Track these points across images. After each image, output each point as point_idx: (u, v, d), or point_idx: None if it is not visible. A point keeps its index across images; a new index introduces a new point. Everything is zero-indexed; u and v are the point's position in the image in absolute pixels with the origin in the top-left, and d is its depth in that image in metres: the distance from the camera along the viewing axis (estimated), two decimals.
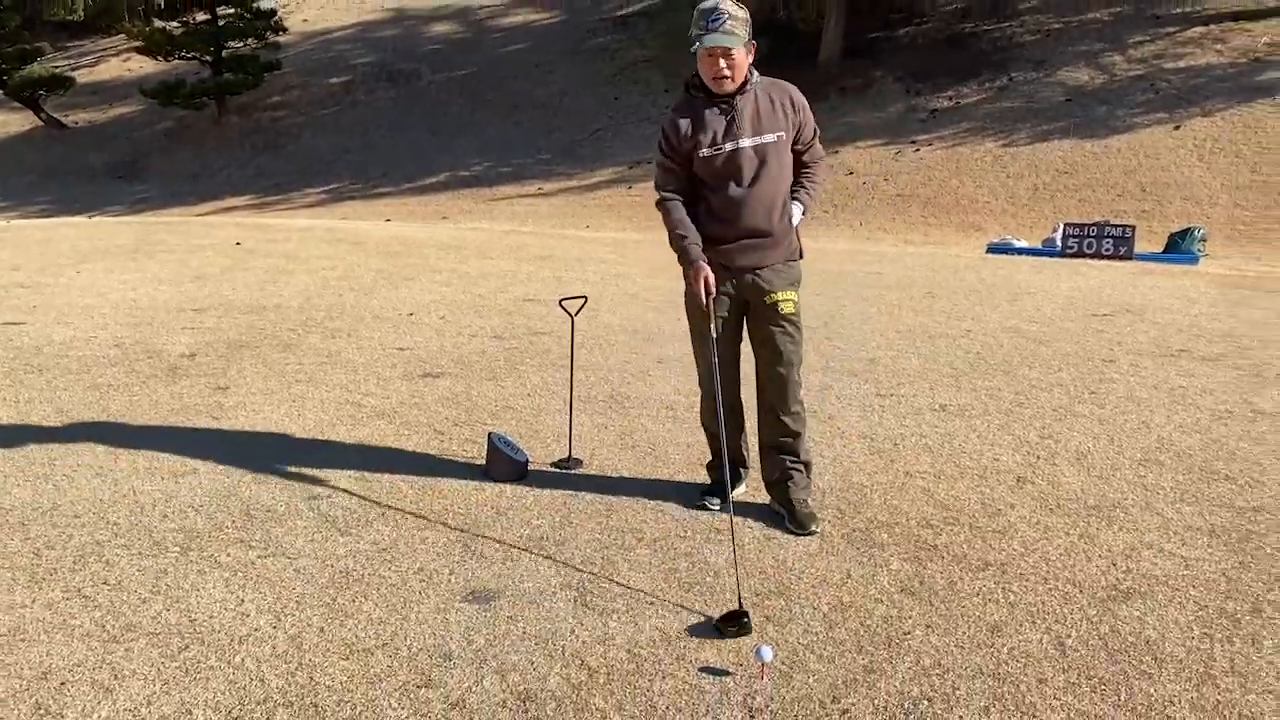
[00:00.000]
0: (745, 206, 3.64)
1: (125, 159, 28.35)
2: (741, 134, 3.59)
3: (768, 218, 3.68)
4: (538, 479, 4.19)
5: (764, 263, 3.71)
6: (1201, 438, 4.86)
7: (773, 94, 3.66)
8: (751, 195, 3.64)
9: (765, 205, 3.66)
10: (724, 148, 3.58)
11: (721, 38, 3.42)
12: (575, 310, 4.49)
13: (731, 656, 2.87)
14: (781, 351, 3.75)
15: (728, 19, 3.43)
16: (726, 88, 3.55)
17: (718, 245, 3.67)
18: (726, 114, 3.58)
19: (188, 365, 5.76)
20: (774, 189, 3.68)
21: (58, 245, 10.25)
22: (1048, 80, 20.45)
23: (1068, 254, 11.79)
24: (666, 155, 3.69)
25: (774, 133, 3.63)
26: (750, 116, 3.60)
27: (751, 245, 3.69)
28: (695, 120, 3.61)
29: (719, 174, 3.63)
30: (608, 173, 20.00)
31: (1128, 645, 2.97)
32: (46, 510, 3.78)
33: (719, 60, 3.48)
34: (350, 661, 2.82)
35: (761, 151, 3.62)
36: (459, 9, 33.56)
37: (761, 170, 3.64)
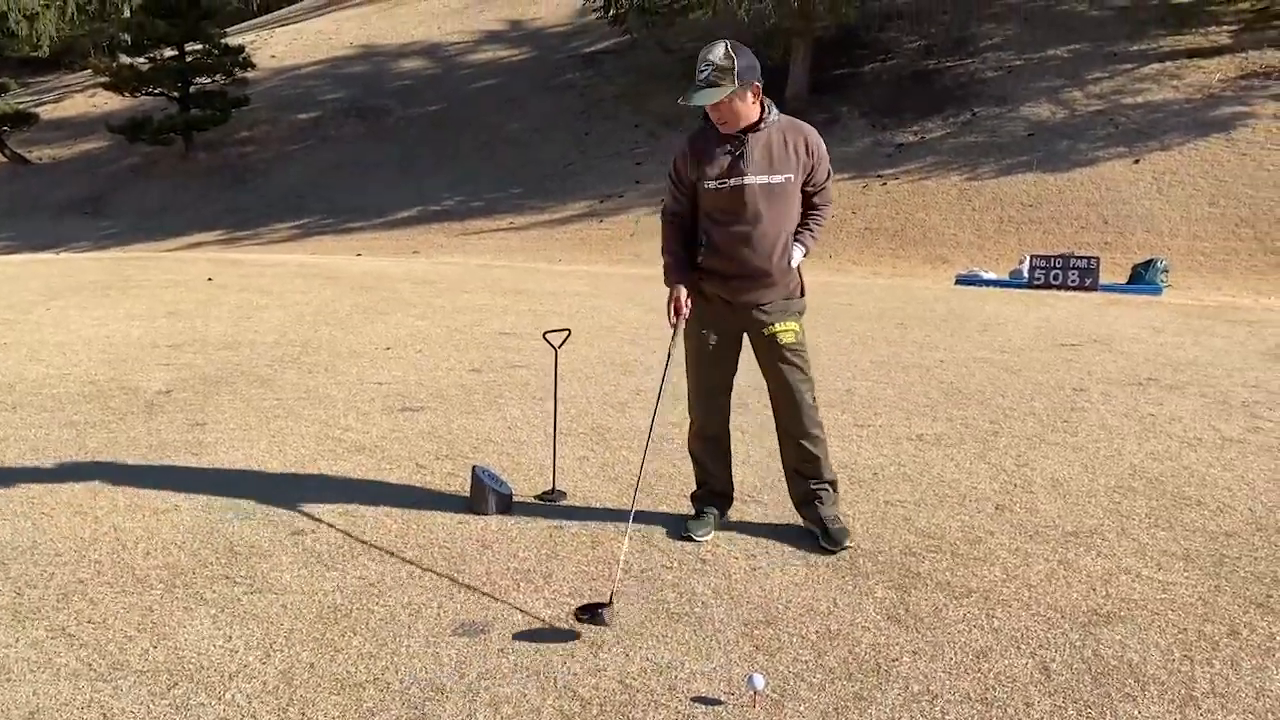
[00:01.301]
0: (746, 244, 3.66)
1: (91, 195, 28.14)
2: (747, 171, 3.60)
3: (768, 257, 3.69)
4: (522, 512, 4.20)
5: (762, 300, 3.74)
6: (1173, 464, 4.95)
7: (788, 134, 3.67)
8: (753, 233, 3.65)
9: (767, 244, 3.67)
10: (728, 183, 3.61)
11: (700, 96, 3.48)
12: (559, 343, 4.52)
13: (723, 686, 2.89)
14: (788, 381, 3.79)
15: (711, 71, 3.47)
16: (729, 129, 3.59)
17: (717, 278, 3.72)
18: (735, 150, 3.60)
19: (164, 402, 5.73)
20: (776, 229, 3.69)
21: (26, 281, 10.16)
22: (1010, 115, 20.84)
23: (1035, 285, 12.00)
24: (674, 182, 3.77)
25: (783, 174, 3.65)
26: (760, 155, 3.61)
27: (749, 283, 3.71)
28: (704, 152, 3.65)
29: (722, 209, 3.66)
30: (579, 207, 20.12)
31: (1110, 668, 3.02)
32: (26, 549, 3.75)
33: (711, 112, 3.56)
34: (342, 696, 2.81)
35: (767, 190, 3.64)
36: (428, 45, 33.73)
37: (765, 209, 3.65)
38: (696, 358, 3.87)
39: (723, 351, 3.84)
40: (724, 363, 3.87)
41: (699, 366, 3.88)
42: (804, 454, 3.87)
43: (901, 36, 25.43)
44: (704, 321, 3.80)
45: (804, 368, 3.83)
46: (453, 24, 35.56)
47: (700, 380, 3.90)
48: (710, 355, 3.84)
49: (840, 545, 3.81)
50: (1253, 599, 3.49)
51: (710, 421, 3.94)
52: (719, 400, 3.91)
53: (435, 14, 36.71)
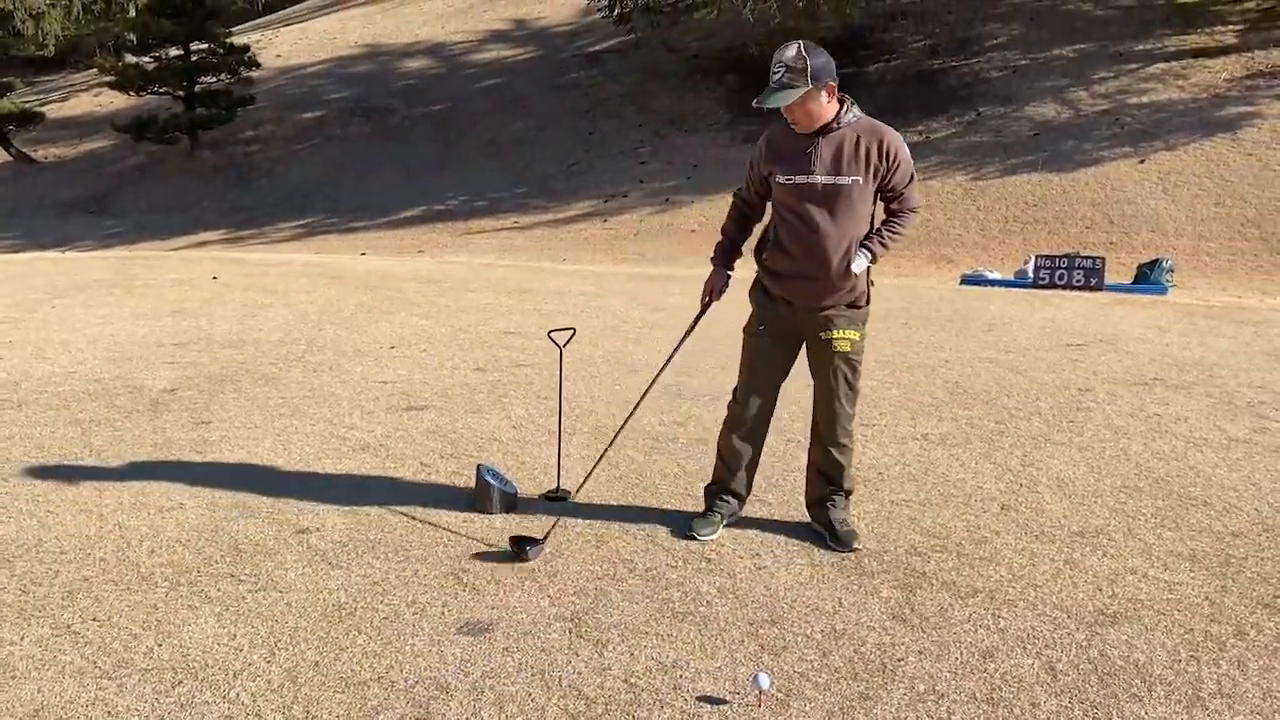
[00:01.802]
0: (806, 243, 3.62)
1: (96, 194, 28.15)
2: (815, 170, 3.56)
3: (826, 261, 3.62)
4: (526, 511, 4.19)
5: (820, 303, 3.69)
6: (1179, 464, 4.94)
7: (863, 136, 3.57)
8: (814, 235, 3.60)
9: (828, 247, 3.60)
10: (795, 179, 3.59)
11: (774, 98, 3.45)
12: (564, 342, 4.52)
13: (728, 685, 2.89)
14: (833, 389, 3.77)
15: (784, 73, 3.44)
16: (804, 129, 3.56)
17: (780, 278, 3.73)
18: (807, 148, 3.58)
19: (169, 400, 5.73)
20: (839, 232, 3.60)
21: (31, 280, 10.17)
22: (1015, 115, 20.80)
23: (1040, 285, 11.97)
24: (749, 168, 3.82)
25: (851, 176, 3.56)
26: (830, 155, 3.56)
27: (807, 285, 3.68)
28: (778, 144, 3.66)
29: (788, 206, 3.65)
30: (583, 206, 20.12)
31: (1117, 669, 3.01)
32: (31, 546, 3.75)
33: (784, 114, 3.54)
34: (346, 695, 2.81)
35: (832, 191, 3.57)
36: (432, 45, 33.72)
37: (829, 211, 3.59)
38: (752, 354, 3.85)
39: (778, 352, 3.82)
40: (777, 364, 3.84)
41: (753, 363, 3.85)
42: (831, 460, 3.88)
43: (906, 36, 25.39)
44: (765, 320, 3.80)
45: (852, 380, 3.80)
46: (457, 23, 35.52)
47: (751, 377, 3.87)
48: (765, 354, 3.82)
49: (848, 547, 3.83)
50: (1260, 599, 3.48)
51: (749, 419, 3.90)
52: (764, 400, 3.88)
53: (440, 13, 36.68)
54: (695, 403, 5.91)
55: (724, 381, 6.39)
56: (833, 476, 3.92)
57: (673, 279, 11.63)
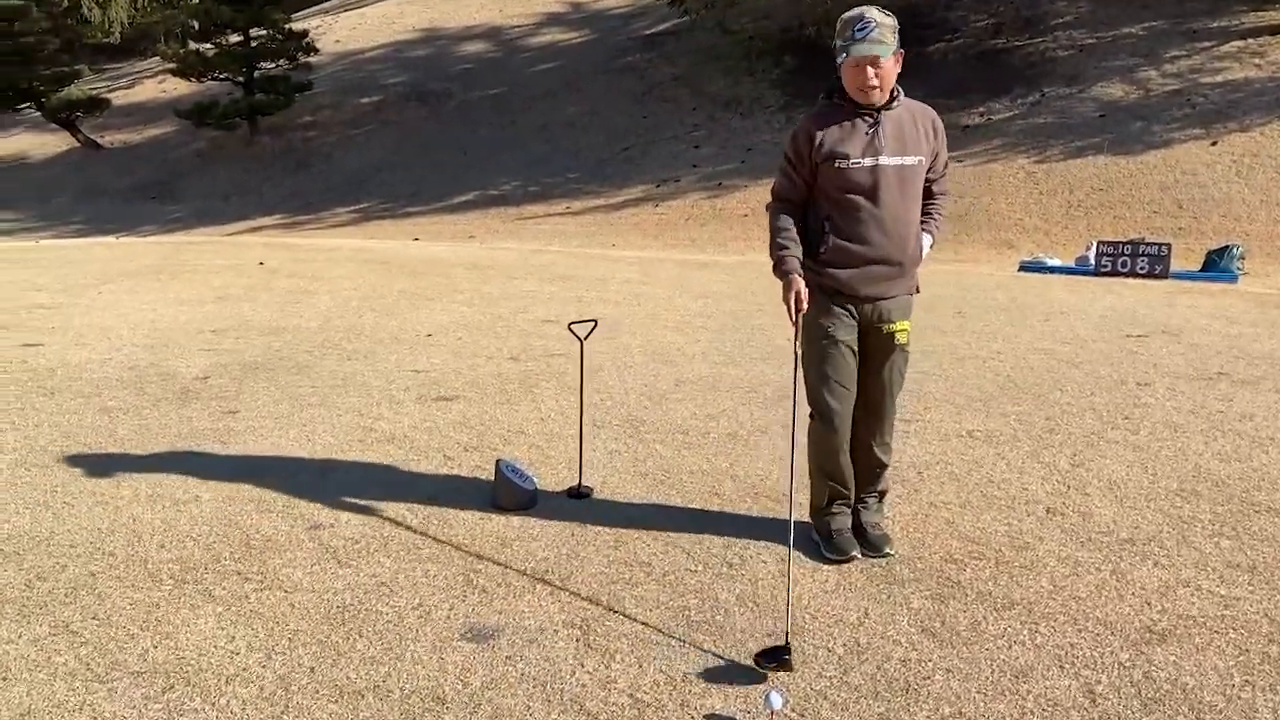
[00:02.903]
0: (878, 230, 3.40)
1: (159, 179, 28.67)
2: (883, 150, 3.35)
3: (901, 246, 3.45)
4: (546, 508, 4.06)
5: (888, 294, 3.49)
6: (1241, 466, 4.65)
7: (917, 115, 3.44)
8: (886, 219, 3.40)
9: (899, 232, 3.43)
10: (863, 162, 3.35)
11: (871, 46, 3.21)
12: (585, 335, 4.37)
13: (739, 703, 2.72)
14: (891, 383, 3.60)
15: (875, 27, 3.23)
16: (874, 99, 3.33)
17: (841, 269, 3.44)
18: (871, 127, 3.36)
19: (200, 388, 5.70)
20: (908, 216, 3.45)
21: (83, 265, 10.28)
22: (1081, 96, 20.15)
23: (1101, 272, 11.53)
24: (792, 164, 3.47)
25: (915, 155, 3.41)
26: (894, 133, 3.37)
27: (878, 274, 3.45)
28: (835, 129, 3.38)
29: (854, 192, 3.38)
30: (635, 191, 19.92)
31: (1163, 693, 2.79)
32: (43, 539, 3.70)
33: (866, 70, 3.26)
34: (339, 705, 2.70)
35: (901, 173, 3.39)
36: (489, 29, 33.74)
37: (899, 193, 3.40)
38: (824, 358, 3.52)
39: (850, 353, 3.53)
40: (851, 367, 3.55)
41: (829, 367, 3.52)
42: (875, 460, 3.69)
43: (969, 15, 24.75)
44: (828, 319, 3.50)
45: (903, 375, 3.64)
46: (515, 7, 35.51)
47: (831, 382, 3.53)
48: (838, 361, 3.52)
49: (880, 553, 3.64)
50: None
51: (844, 427, 3.59)
52: (848, 407, 3.58)
53: None
54: (731, 395, 5.72)
55: (763, 372, 6.24)
56: (875, 475, 3.72)
57: (719, 265, 11.42)
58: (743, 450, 4.81)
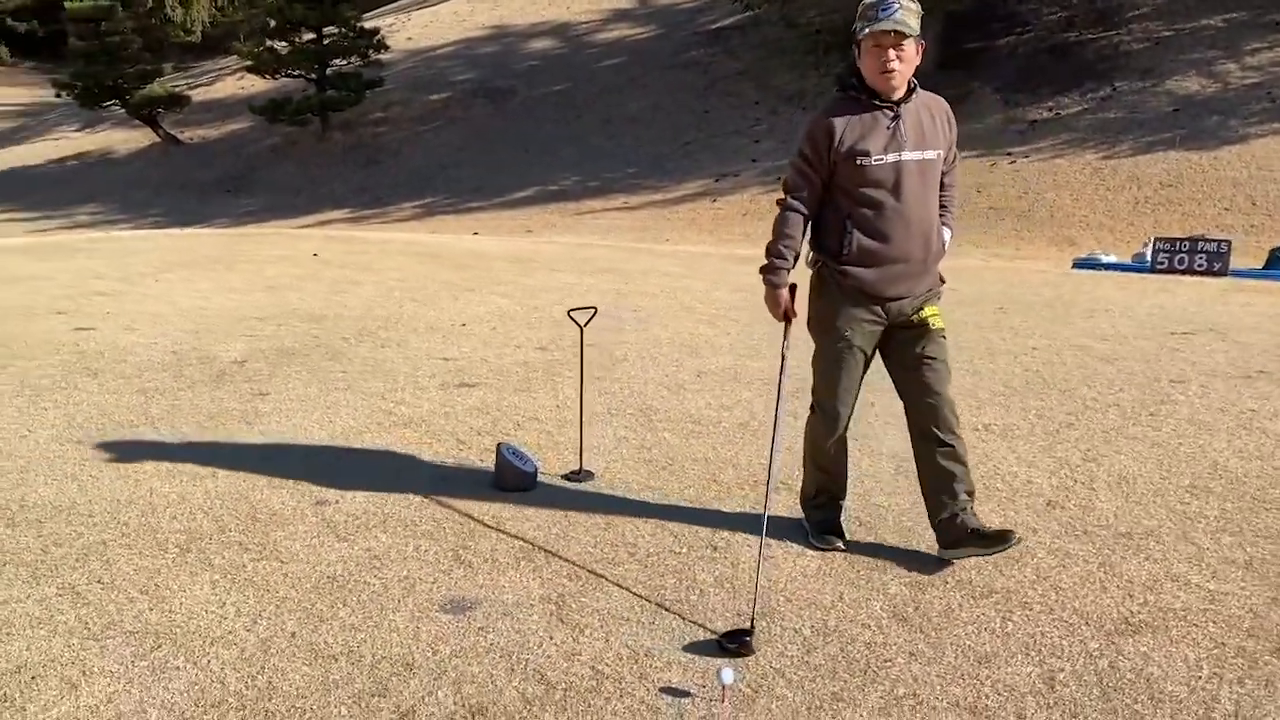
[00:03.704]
0: (903, 228, 3.29)
1: (235, 173, 29.48)
2: (905, 145, 3.24)
3: (924, 243, 3.36)
4: (545, 490, 4.15)
5: (913, 292, 3.40)
6: (1262, 464, 4.55)
7: (932, 107, 3.34)
8: (910, 216, 3.29)
9: (922, 228, 3.33)
10: (885, 159, 3.23)
11: (895, 23, 3.07)
12: (585, 321, 4.45)
13: (696, 678, 2.78)
14: (938, 372, 3.43)
15: (899, 8, 3.09)
16: (894, 84, 3.19)
17: (866, 269, 3.32)
18: (891, 120, 3.24)
19: (235, 371, 5.91)
20: (929, 212, 3.36)
21: (145, 255, 10.67)
22: (1155, 90, 19.64)
23: (1158, 269, 11.26)
24: (807, 160, 3.31)
25: (935, 149, 3.31)
26: (914, 127, 3.26)
27: (902, 272, 3.35)
28: (855, 123, 3.24)
29: (876, 189, 3.26)
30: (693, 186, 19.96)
31: (1125, 682, 2.78)
32: (65, 509, 3.90)
33: (887, 51, 3.12)
34: (313, 667, 2.82)
35: (922, 168, 3.29)
36: (557, 25, 34.01)
37: (920, 189, 3.30)
38: (836, 360, 3.43)
39: (862, 357, 3.45)
40: (860, 371, 3.48)
41: (840, 369, 3.44)
42: (954, 456, 3.44)
43: (1042, 8, 24.26)
44: (848, 324, 3.39)
45: (948, 364, 3.48)
46: (582, 3, 35.73)
47: (840, 384, 3.46)
48: (850, 362, 3.43)
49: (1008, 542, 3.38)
50: None
51: (841, 429, 3.55)
52: (850, 410, 3.53)
53: None
54: (749, 387, 5.76)
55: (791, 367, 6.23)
56: (960, 474, 3.46)
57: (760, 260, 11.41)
58: (749, 440, 4.85)
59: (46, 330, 6.92)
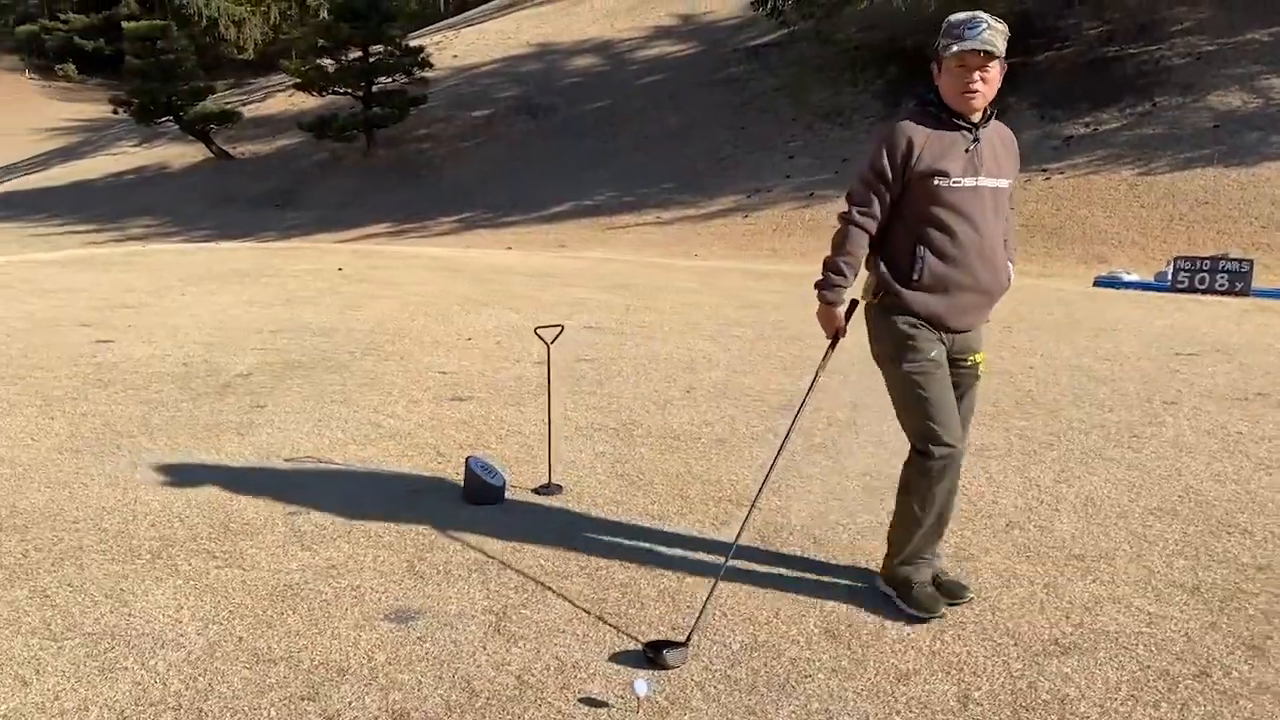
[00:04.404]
0: (977, 256, 3.14)
1: (284, 188, 30.06)
2: (981, 170, 3.11)
3: (996, 274, 3.21)
4: (513, 503, 4.26)
5: (975, 324, 3.27)
6: (1237, 488, 4.53)
7: (1002, 135, 3.23)
8: (985, 244, 3.15)
9: (997, 258, 3.20)
10: (964, 182, 3.08)
11: (983, 43, 2.96)
12: (551, 339, 4.56)
13: (617, 690, 2.87)
14: (969, 420, 3.37)
15: (987, 28, 2.98)
16: (976, 105, 3.07)
17: (936, 297, 3.15)
18: (971, 143, 3.10)
19: (239, 383, 6.10)
20: (999, 239, 3.22)
21: (178, 268, 10.99)
22: (1195, 105, 19.34)
23: (1178, 289, 11.12)
24: (879, 173, 3.10)
25: (1006, 178, 3.20)
26: (989, 152, 3.14)
27: (973, 303, 3.21)
28: (935, 140, 3.08)
29: (952, 212, 3.10)
30: (727, 201, 20.03)
31: (1039, 703, 2.82)
32: (53, 515, 4.08)
33: (973, 72, 3.01)
34: (252, 671, 2.94)
35: (996, 196, 3.17)
36: (600, 42, 34.27)
37: (994, 217, 3.17)
38: (924, 379, 3.17)
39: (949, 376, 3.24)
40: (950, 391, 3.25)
41: (932, 386, 3.18)
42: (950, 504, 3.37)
43: (1082, 22, 23.99)
44: (923, 342, 3.18)
45: (973, 408, 3.43)
46: (626, 20, 35.96)
47: (940, 401, 3.20)
48: (940, 373, 3.20)
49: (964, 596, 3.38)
50: (1247, 640, 3.17)
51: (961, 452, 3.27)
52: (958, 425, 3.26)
53: (610, 11, 37.25)
54: (737, 403, 5.83)
55: (778, 382, 6.30)
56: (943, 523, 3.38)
57: (779, 275, 11.44)
58: (724, 456, 4.92)
59: (69, 342, 7.18)
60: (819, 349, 3.51)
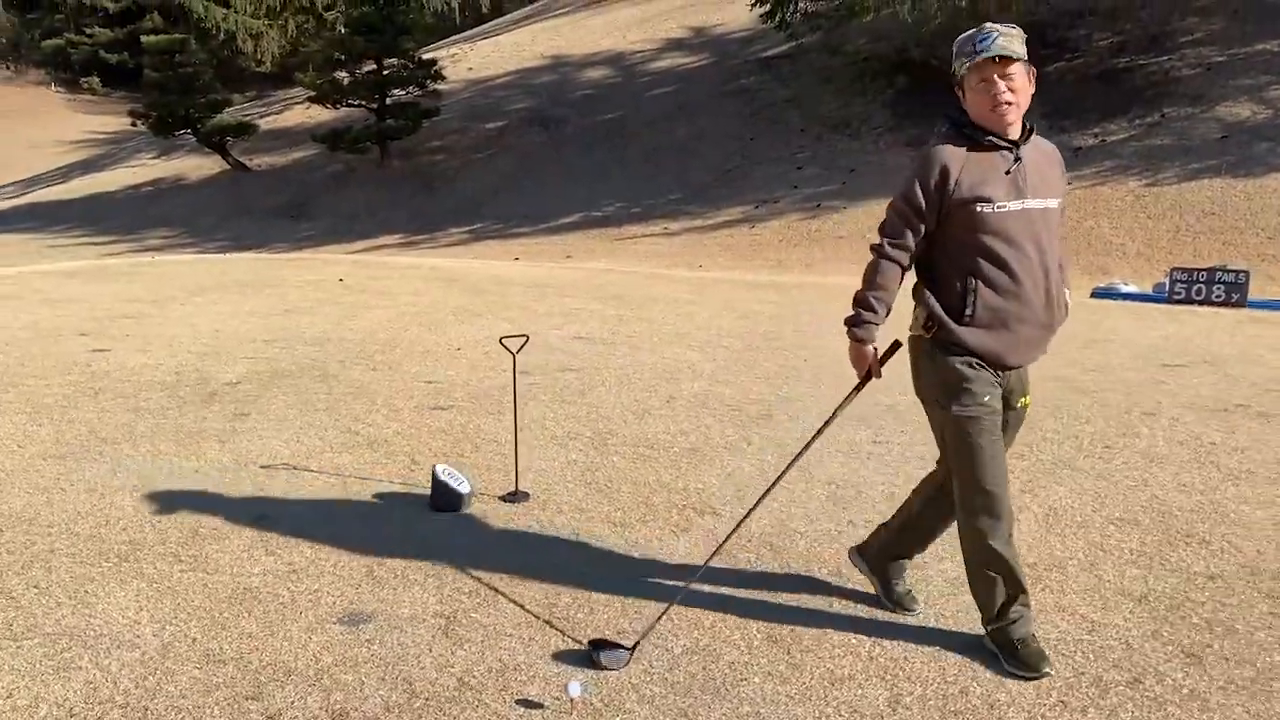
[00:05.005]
0: (1031, 286, 2.92)
1: (298, 200, 30.34)
2: (1026, 190, 2.88)
3: (1051, 303, 2.97)
4: (479, 510, 4.33)
5: (1034, 357, 3.04)
6: (1201, 499, 4.55)
7: (1046, 151, 3.01)
8: (1037, 272, 2.92)
9: (1050, 287, 2.96)
10: (1009, 206, 2.87)
11: (998, 49, 2.79)
12: (516, 349, 4.64)
13: (555, 691, 2.92)
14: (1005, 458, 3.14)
15: (999, 35, 2.81)
16: (1010, 119, 2.86)
17: (992, 333, 2.94)
18: (1012, 162, 2.89)
19: (226, 392, 6.20)
20: (1054, 266, 2.97)
21: (181, 279, 11.14)
22: (1204, 116, 19.29)
23: (1175, 300, 11.11)
24: (912, 203, 2.93)
25: (1055, 197, 2.97)
26: (1034, 171, 2.91)
27: (1031, 337, 2.99)
28: (972, 163, 2.88)
29: (1001, 239, 2.89)
30: (734, 212, 20.10)
31: (968, 707, 2.86)
32: (28, 520, 4.18)
33: (996, 83, 2.81)
34: (202, 671, 3.02)
35: (1046, 218, 2.94)
36: (612, 55, 34.46)
37: (1046, 241, 2.94)
38: (977, 427, 2.98)
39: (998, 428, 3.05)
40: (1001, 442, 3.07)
41: (984, 436, 2.98)
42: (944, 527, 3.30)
43: (1093, 34, 23.97)
44: (981, 386, 2.98)
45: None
46: (638, 33, 36.15)
47: (991, 456, 3.00)
48: (994, 422, 3.01)
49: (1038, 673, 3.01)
50: (1186, 648, 3.20)
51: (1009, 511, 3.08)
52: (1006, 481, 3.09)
53: (623, 23, 37.48)
54: (714, 413, 5.88)
55: (757, 392, 6.35)
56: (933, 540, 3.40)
57: (775, 286, 11.50)
58: (693, 465, 4.97)
59: (66, 351, 7.30)
60: (806, 360, 3.55)
